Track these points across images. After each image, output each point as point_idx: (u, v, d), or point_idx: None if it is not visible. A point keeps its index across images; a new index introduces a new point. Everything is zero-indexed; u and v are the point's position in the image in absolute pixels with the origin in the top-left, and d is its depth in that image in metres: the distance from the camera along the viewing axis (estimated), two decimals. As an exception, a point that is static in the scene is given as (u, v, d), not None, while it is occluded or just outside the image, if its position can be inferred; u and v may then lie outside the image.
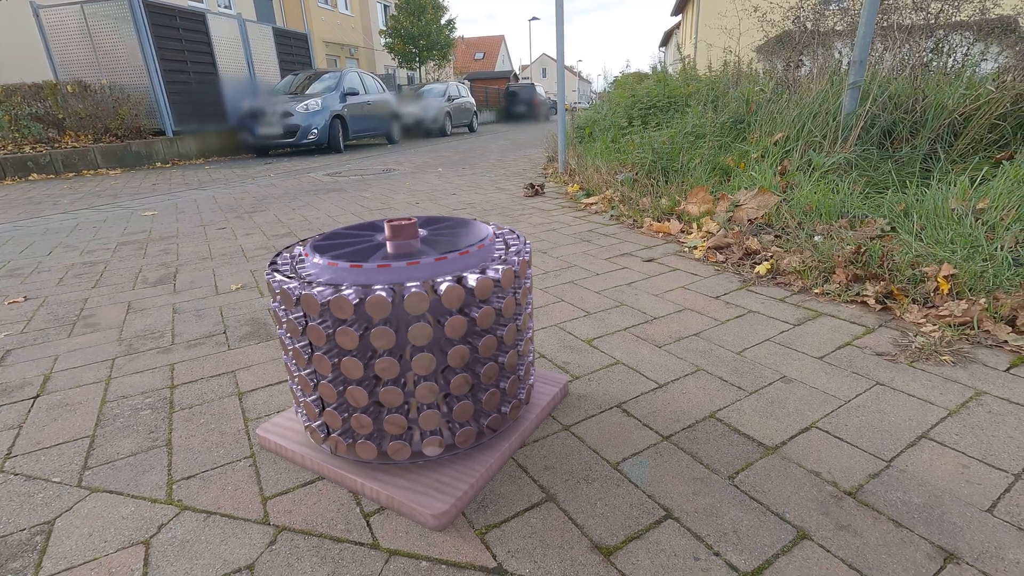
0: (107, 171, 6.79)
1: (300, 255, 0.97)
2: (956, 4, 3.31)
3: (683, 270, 1.93)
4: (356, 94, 9.08)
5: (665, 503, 0.85)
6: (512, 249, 0.94)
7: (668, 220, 2.47)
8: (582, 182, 3.49)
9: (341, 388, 0.84)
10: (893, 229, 1.85)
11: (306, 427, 0.93)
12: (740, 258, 1.93)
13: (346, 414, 0.86)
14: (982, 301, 1.38)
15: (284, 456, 0.99)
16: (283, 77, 10.08)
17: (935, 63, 3.09)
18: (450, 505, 0.82)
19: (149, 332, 1.60)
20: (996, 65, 3.19)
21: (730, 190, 2.52)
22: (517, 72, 28.58)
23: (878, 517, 0.81)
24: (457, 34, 21.39)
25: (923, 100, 2.48)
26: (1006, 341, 1.28)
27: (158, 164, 7.55)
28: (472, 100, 14.10)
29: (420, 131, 11.87)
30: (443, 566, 0.76)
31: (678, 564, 0.74)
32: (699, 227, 2.29)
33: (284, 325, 0.85)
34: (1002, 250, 1.55)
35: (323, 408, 0.87)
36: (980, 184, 1.94)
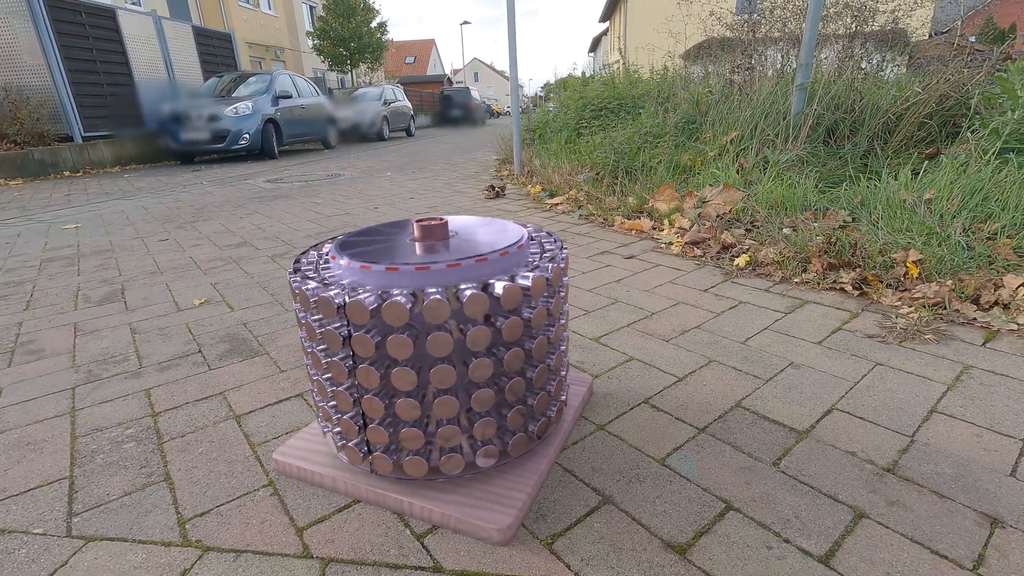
0: (5, 181, 6.10)
1: (324, 258, 0.89)
2: (871, 16, 3.61)
3: (665, 266, 1.97)
4: (289, 97, 8.69)
5: (722, 495, 0.85)
6: (548, 254, 0.91)
7: (639, 218, 2.52)
8: (543, 183, 3.50)
9: (388, 401, 0.77)
10: (854, 220, 1.98)
11: (340, 447, 0.86)
12: (718, 252, 2.00)
13: (391, 429, 0.80)
14: (949, 283, 1.50)
15: (309, 481, 0.91)
16: (206, 79, 9.49)
17: (865, 66, 3.35)
18: (513, 517, 0.77)
19: (109, 356, 1.43)
20: (896, 70, 3.52)
21: (694, 187, 2.61)
22: (450, 76, 28.46)
23: (920, 490, 0.84)
24: (387, 37, 20.99)
25: (860, 101, 2.68)
26: (975, 318, 1.40)
27: (66, 173, 6.86)
28: (409, 104, 13.89)
29: (357, 136, 11.55)
30: (518, 583, 0.72)
31: (753, 555, 0.74)
32: (671, 224, 2.35)
33: (321, 337, 0.77)
34: (955, 236, 1.69)
35: (365, 425, 0.80)
36: (921, 177, 2.11)
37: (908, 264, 1.59)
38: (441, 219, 0.90)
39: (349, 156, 7.91)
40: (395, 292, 0.72)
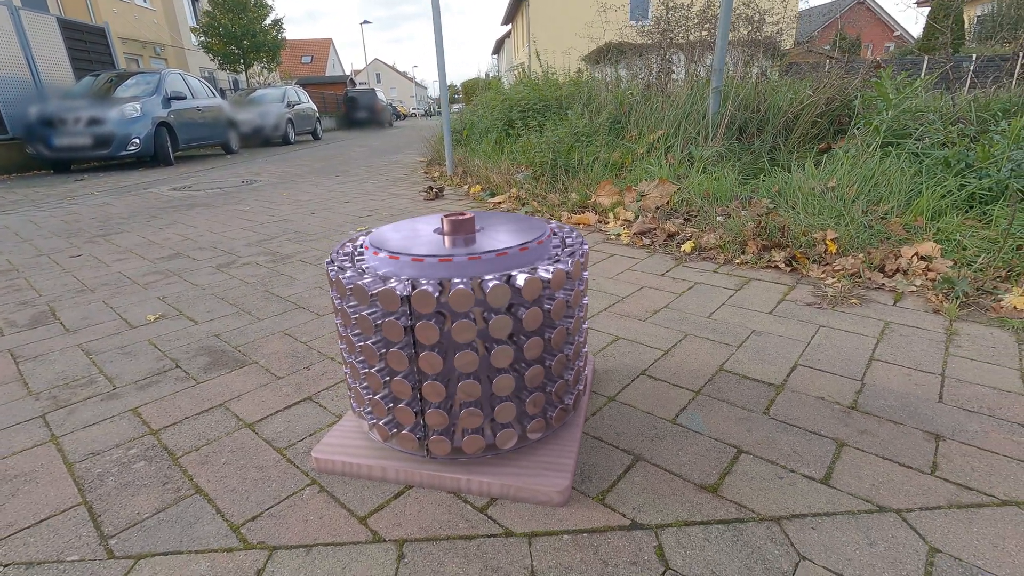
0: None
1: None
2: (762, 26, 4.07)
3: (620, 255, 2.13)
4: (183, 98, 8.03)
5: (731, 442, 0.99)
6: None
7: (584, 212, 2.68)
8: (482, 183, 3.58)
9: (446, 384, 0.82)
10: (775, 207, 2.26)
11: (390, 435, 0.89)
12: (664, 240, 2.19)
13: (448, 412, 0.84)
14: (860, 256, 1.78)
15: (355, 474, 0.93)
16: (79, 78, 8.50)
17: (756, 71, 3.77)
18: (569, 480, 0.85)
19: (69, 380, 1.32)
20: (773, 74, 3.99)
21: (631, 182, 2.82)
22: (353, 77, 27.56)
23: (880, 420, 1.03)
24: (283, 36, 19.92)
25: (765, 103, 3.03)
26: (883, 284, 1.67)
27: (-89, 187, 5.87)
28: (314, 106, 13.31)
29: (259, 139, 10.91)
30: (585, 534, 0.80)
31: (771, 485, 0.88)
32: (615, 217, 2.53)
33: (380, 329, 0.80)
34: (858, 217, 2.00)
35: (423, 410, 0.85)
36: (823, 167, 2.45)
37: (828, 242, 1.86)
38: (467, 214, 0.95)
39: (257, 161, 7.48)
40: (456, 280, 0.78)
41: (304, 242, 2.59)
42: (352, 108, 19.44)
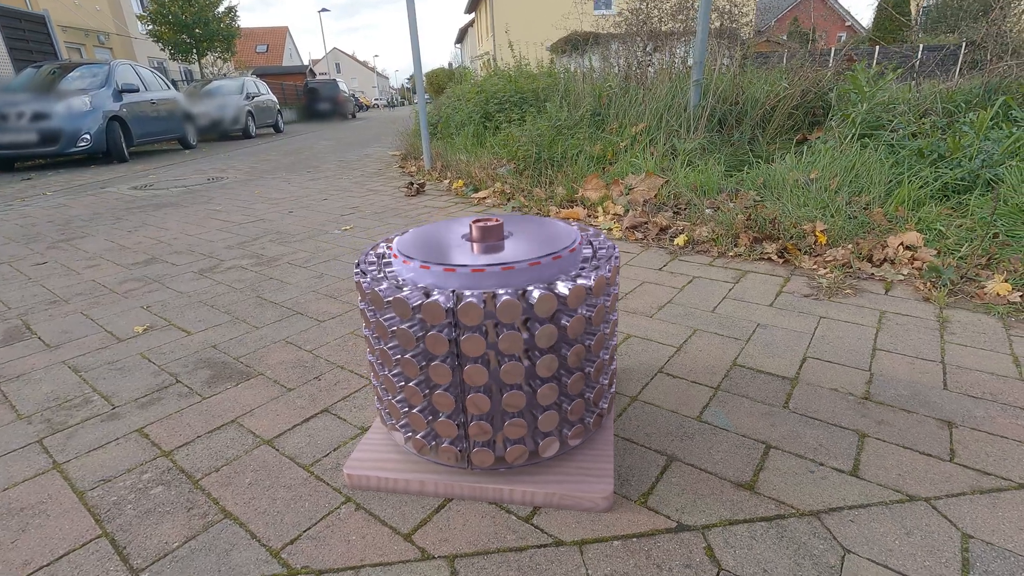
0: None
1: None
2: (734, 17, 4.14)
3: (614, 250, 2.14)
4: (135, 91, 7.62)
5: (758, 438, 1.01)
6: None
7: (572, 207, 2.68)
8: (464, 177, 3.54)
9: (489, 395, 0.81)
10: (762, 199, 2.31)
11: (429, 448, 0.87)
12: (656, 234, 2.22)
13: (491, 423, 0.83)
14: (849, 247, 1.84)
15: (391, 489, 0.91)
16: (19, 70, 7.98)
17: (727, 62, 3.83)
18: (613, 485, 0.86)
19: (61, 400, 1.24)
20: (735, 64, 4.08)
21: (617, 176, 2.83)
22: (312, 67, 26.75)
23: (894, 410, 1.08)
24: (238, 24, 19.14)
25: (743, 95, 3.09)
26: (872, 273, 1.74)
27: None
28: (274, 98, 12.88)
29: (218, 133, 10.51)
30: (634, 539, 0.80)
31: (804, 479, 0.90)
32: (605, 211, 2.54)
33: (424, 342, 0.78)
34: (842, 208, 2.07)
35: (466, 422, 0.83)
36: (804, 159, 2.51)
37: (817, 233, 1.91)
38: (496, 219, 0.94)
39: (219, 157, 7.20)
40: (501, 292, 0.76)
41: (288, 243, 2.51)
42: (313, 99, 18.90)
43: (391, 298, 0.78)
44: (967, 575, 0.72)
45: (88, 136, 6.57)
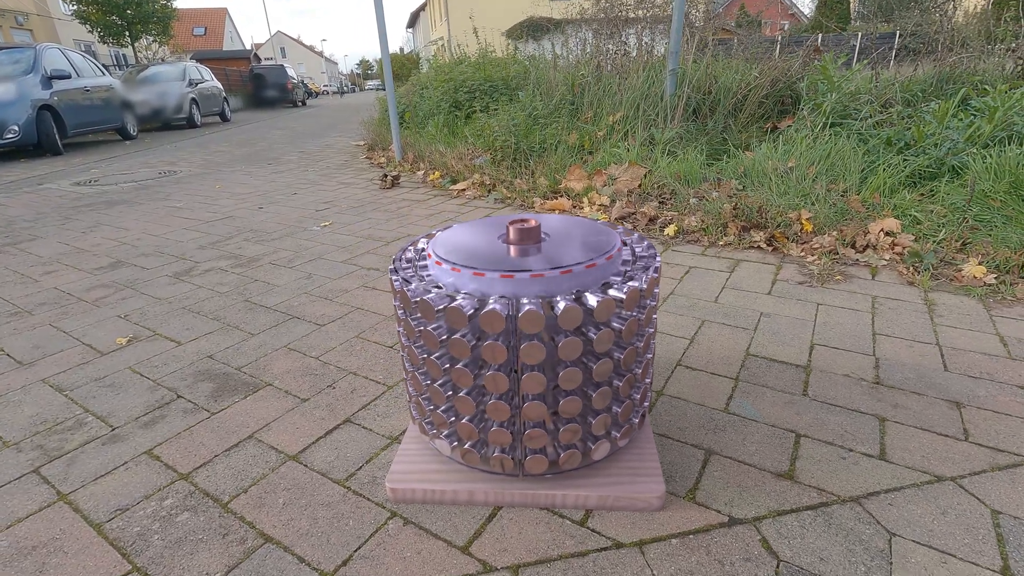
0: None
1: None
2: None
3: (606, 241, 2.16)
4: (66, 77, 7.06)
5: (787, 427, 1.04)
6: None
7: (556, 198, 2.67)
8: (440, 168, 3.47)
9: (544, 402, 0.80)
10: (744, 188, 2.37)
11: (480, 457, 0.85)
12: (646, 224, 2.24)
13: (546, 430, 0.82)
14: (833, 234, 1.92)
15: (438, 501, 0.88)
16: (-71, 54, 7.23)
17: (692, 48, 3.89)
18: (664, 484, 0.86)
19: (51, 424, 1.15)
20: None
21: (598, 166, 2.84)
22: (256, 52, 25.51)
23: (905, 393, 1.13)
24: (175, 4, 17.99)
25: (716, 84, 3.14)
26: (857, 259, 1.82)
27: None
28: (219, 85, 12.23)
29: (161, 121, 9.90)
30: (691, 536, 0.81)
31: (838, 466, 0.94)
32: (590, 202, 2.55)
33: (480, 351, 0.76)
34: (822, 196, 2.15)
35: (522, 430, 0.82)
36: (780, 148, 2.59)
37: (803, 221, 1.98)
38: (532, 220, 0.92)
39: (165, 148, 6.79)
40: (558, 299, 0.75)
41: (266, 242, 2.40)
42: (260, 86, 18.08)
43: (442, 307, 0.76)
44: (1004, 549, 0.77)
45: (16, 128, 6.06)
